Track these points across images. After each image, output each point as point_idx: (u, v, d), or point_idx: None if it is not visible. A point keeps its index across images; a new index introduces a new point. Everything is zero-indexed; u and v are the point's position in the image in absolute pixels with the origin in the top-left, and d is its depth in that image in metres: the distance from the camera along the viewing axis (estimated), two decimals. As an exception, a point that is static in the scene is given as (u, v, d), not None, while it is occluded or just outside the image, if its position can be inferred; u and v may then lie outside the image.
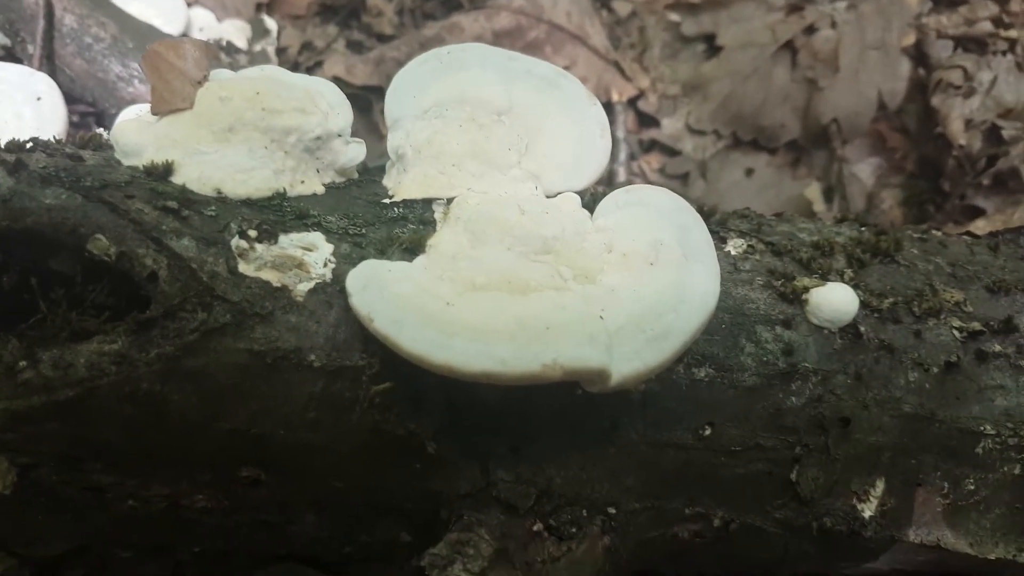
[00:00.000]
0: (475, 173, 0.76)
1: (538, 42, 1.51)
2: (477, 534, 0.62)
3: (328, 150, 0.74)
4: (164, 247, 0.61)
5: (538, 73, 0.83)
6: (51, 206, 0.61)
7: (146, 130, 0.69)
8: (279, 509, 0.71)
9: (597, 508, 0.70)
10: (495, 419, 0.68)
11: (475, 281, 0.65)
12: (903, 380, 0.77)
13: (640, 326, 0.63)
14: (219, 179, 0.66)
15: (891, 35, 1.57)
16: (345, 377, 0.64)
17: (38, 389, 0.60)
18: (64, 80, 1.24)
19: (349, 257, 0.68)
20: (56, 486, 0.66)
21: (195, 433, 0.63)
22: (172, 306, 0.60)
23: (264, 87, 0.69)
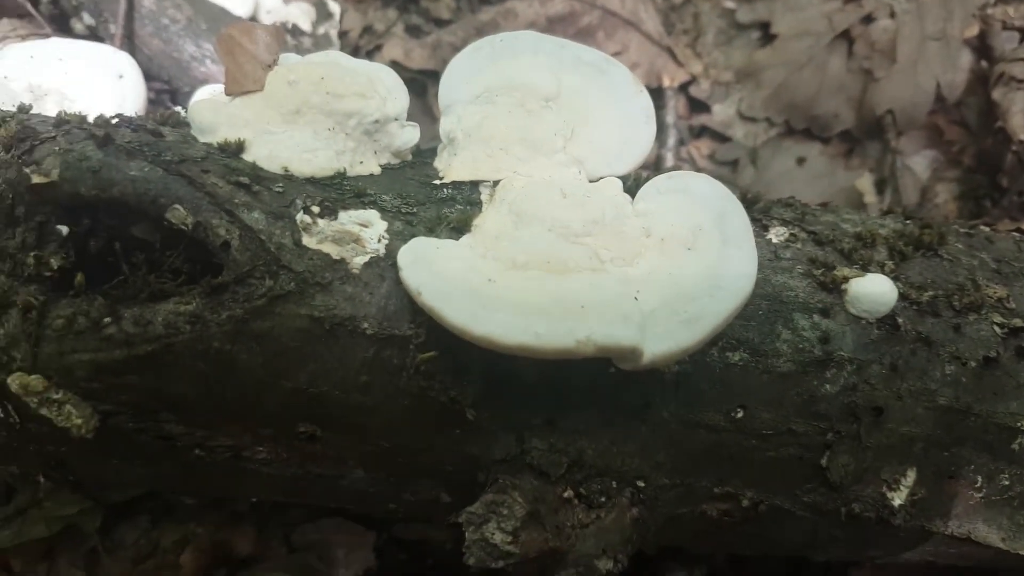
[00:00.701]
0: (521, 157, 0.80)
1: (591, 28, 1.53)
2: (511, 496, 0.67)
3: (385, 133, 0.78)
4: (236, 219, 0.66)
5: (587, 60, 0.86)
6: (135, 178, 0.67)
7: (220, 109, 0.74)
8: (332, 464, 0.76)
9: (626, 481, 0.73)
10: (531, 391, 0.72)
11: (516, 260, 0.69)
12: (939, 373, 0.78)
13: (674, 308, 0.66)
14: (286, 158, 0.71)
15: (953, 26, 1.53)
16: (394, 345, 0.69)
17: (120, 344, 0.66)
18: (142, 59, 1.32)
19: (401, 234, 0.72)
20: (132, 433, 0.72)
21: (259, 390, 0.69)
22: (242, 273, 0.65)
23: (328, 72, 0.74)
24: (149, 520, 1.00)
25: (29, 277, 0.68)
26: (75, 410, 0.69)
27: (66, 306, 0.67)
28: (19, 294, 0.67)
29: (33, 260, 0.68)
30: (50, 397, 0.68)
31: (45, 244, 0.70)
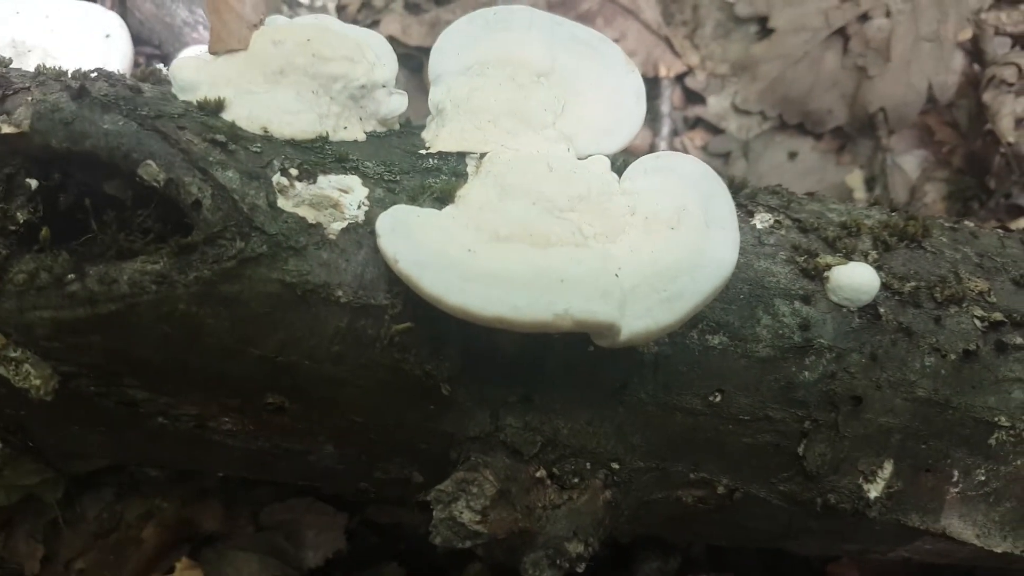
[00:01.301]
0: (510, 130, 0.78)
1: (590, 13, 1.52)
2: (482, 475, 0.65)
3: (372, 99, 0.76)
4: (210, 177, 0.64)
5: (581, 38, 0.84)
6: (108, 131, 0.65)
7: (202, 68, 0.72)
8: (300, 438, 0.75)
9: (601, 462, 0.72)
10: (508, 368, 0.70)
11: (499, 232, 0.67)
12: (919, 364, 0.77)
13: (654, 286, 0.65)
14: (267, 118, 0.70)
15: (947, 28, 1.53)
16: (369, 315, 0.67)
17: (83, 301, 0.64)
18: (133, 23, 1.29)
19: (382, 201, 0.70)
20: (94, 397, 0.70)
21: (226, 357, 0.67)
22: (213, 233, 0.63)
23: (315, 34, 0.72)
24: (113, 493, 0.98)
25: (-8, 231, 0.66)
26: (34, 370, 0.67)
27: (29, 261, 0.65)
28: (-19, 248, 0.65)
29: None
30: (7, 355, 0.66)
31: (12, 197, 0.68)
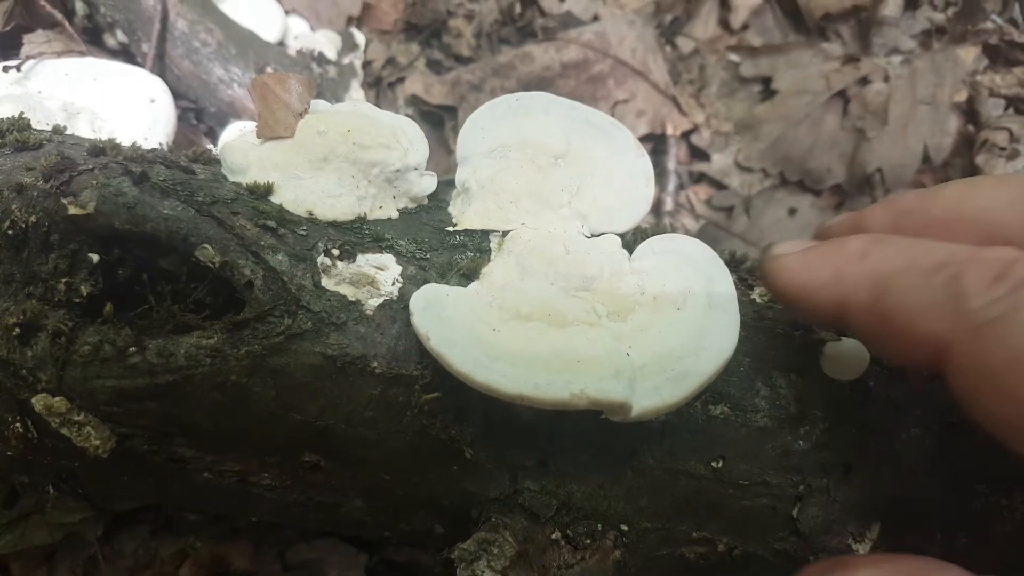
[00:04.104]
0: (530, 210, 0.85)
1: (602, 75, 1.59)
2: (502, 535, 0.71)
3: (404, 180, 0.83)
4: (261, 260, 0.71)
5: (594, 123, 0.91)
6: (168, 216, 0.72)
7: (251, 151, 0.79)
8: (332, 493, 0.81)
9: (611, 524, 0.78)
10: (526, 434, 0.76)
11: (520, 310, 0.74)
12: (905, 435, 0.83)
13: (662, 366, 0.71)
14: (311, 202, 0.76)
15: (943, 91, 1.60)
16: (401, 384, 0.73)
17: (143, 372, 0.70)
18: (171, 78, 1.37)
19: (414, 278, 0.77)
20: (145, 455, 0.76)
21: (270, 421, 0.73)
22: (263, 311, 0.70)
23: (355, 124, 0.79)
24: (149, 531, 1.04)
25: (59, 302, 0.73)
26: (94, 432, 0.73)
27: (94, 333, 0.71)
28: (49, 319, 0.72)
29: (64, 286, 0.73)
30: (71, 419, 0.72)
31: (76, 271, 0.74)
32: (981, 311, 0.56)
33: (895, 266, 0.63)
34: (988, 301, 0.56)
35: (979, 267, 0.58)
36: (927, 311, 0.59)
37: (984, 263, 0.58)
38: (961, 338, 0.57)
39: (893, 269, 0.63)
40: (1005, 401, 0.55)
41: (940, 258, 0.60)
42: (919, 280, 0.60)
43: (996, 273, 0.57)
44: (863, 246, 0.67)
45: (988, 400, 0.57)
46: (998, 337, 0.55)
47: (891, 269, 0.63)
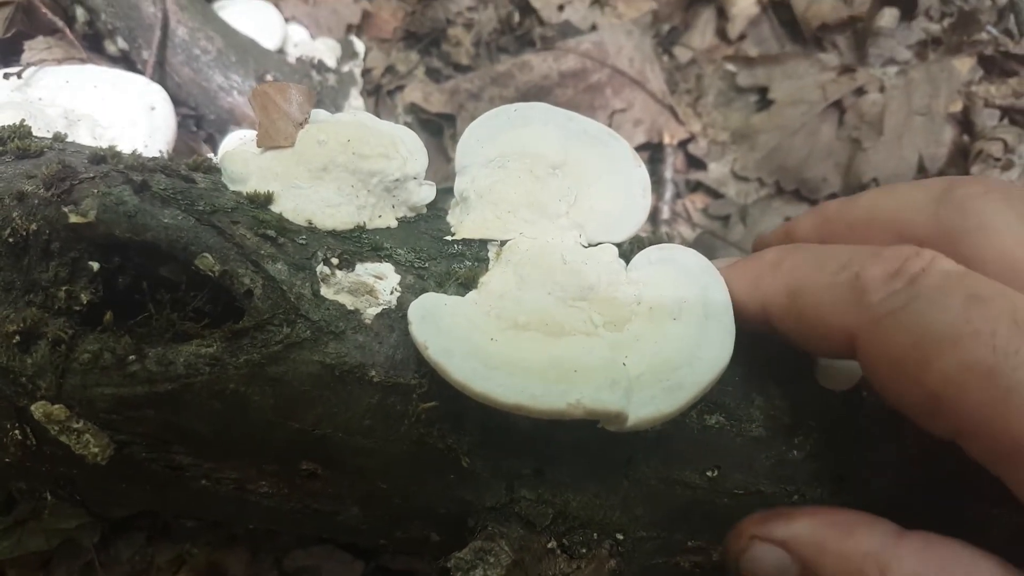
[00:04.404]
0: (528, 220, 0.85)
1: (600, 84, 1.60)
2: (498, 544, 0.72)
3: (404, 190, 0.84)
4: (261, 269, 0.71)
5: (592, 133, 0.92)
6: (168, 225, 0.72)
7: (251, 161, 0.80)
8: (330, 501, 0.81)
9: (607, 532, 0.78)
10: (523, 443, 0.77)
11: (517, 320, 0.74)
12: (898, 446, 0.84)
13: (658, 376, 0.71)
14: (311, 211, 0.77)
15: (938, 102, 1.61)
16: (398, 392, 0.74)
17: (142, 381, 0.71)
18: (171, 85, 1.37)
19: (412, 287, 0.77)
20: (144, 462, 0.77)
21: (268, 429, 0.74)
22: (262, 320, 0.70)
23: (355, 134, 0.80)
24: (145, 538, 1.04)
25: (59, 310, 0.73)
26: (93, 439, 0.73)
27: (93, 341, 0.72)
28: (49, 326, 0.72)
29: (64, 294, 0.73)
30: (71, 426, 0.72)
31: (77, 279, 0.75)
32: (881, 304, 0.61)
33: (805, 271, 0.69)
34: (887, 294, 0.61)
35: (878, 264, 0.63)
36: (834, 307, 0.65)
37: (883, 260, 0.63)
38: (865, 329, 0.63)
39: (803, 273, 0.69)
40: (909, 384, 0.60)
41: (844, 259, 0.66)
42: (826, 280, 0.66)
43: (894, 269, 0.62)
44: (778, 255, 0.74)
45: (894, 384, 0.62)
46: (897, 326, 0.60)
47: (802, 273, 0.69)
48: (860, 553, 0.68)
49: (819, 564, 0.70)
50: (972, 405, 0.56)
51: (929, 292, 0.59)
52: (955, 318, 0.57)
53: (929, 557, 0.66)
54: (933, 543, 0.68)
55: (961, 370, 0.56)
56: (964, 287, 0.59)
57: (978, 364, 0.55)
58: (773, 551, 0.73)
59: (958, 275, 0.60)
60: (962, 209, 0.68)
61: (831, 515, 0.73)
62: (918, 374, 0.59)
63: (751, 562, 0.75)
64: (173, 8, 1.41)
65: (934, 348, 0.57)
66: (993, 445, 0.58)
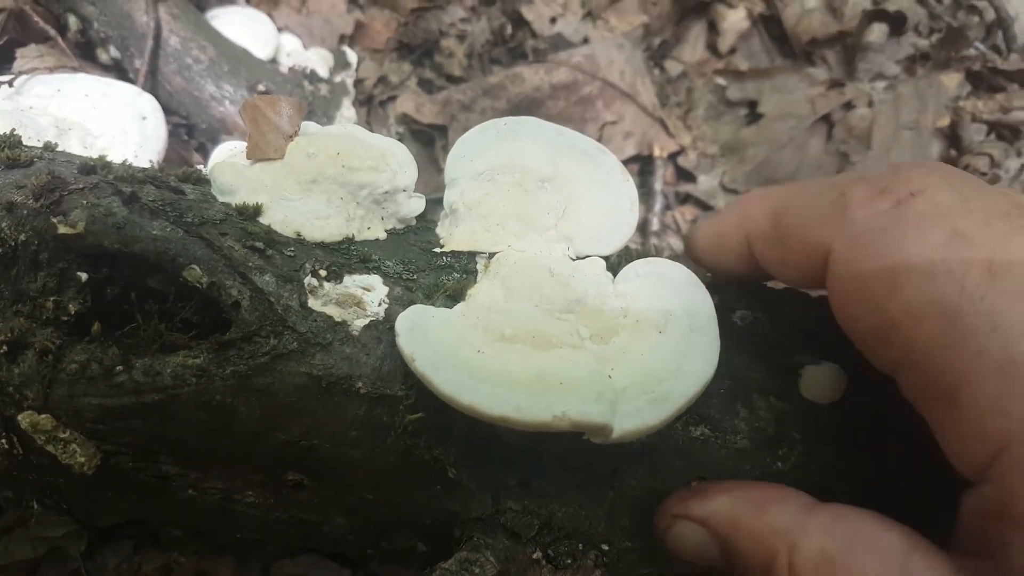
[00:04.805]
0: (516, 232, 0.86)
1: (591, 97, 1.61)
2: (484, 555, 0.72)
3: (393, 202, 0.84)
4: (248, 281, 0.72)
5: (581, 147, 0.93)
6: (157, 237, 0.73)
7: (240, 173, 0.80)
8: (316, 511, 0.81)
9: (592, 543, 0.79)
10: (509, 454, 0.77)
11: (504, 332, 0.75)
12: (882, 457, 0.84)
13: (643, 388, 0.72)
14: (300, 223, 0.77)
15: (926, 117, 1.63)
16: (385, 404, 0.74)
17: (129, 391, 0.71)
18: (163, 94, 1.38)
19: (400, 299, 0.78)
20: (130, 472, 0.77)
21: (254, 440, 0.74)
22: (250, 332, 0.71)
23: (344, 147, 0.80)
24: (132, 546, 1.04)
25: (47, 320, 0.73)
26: (79, 449, 0.73)
27: (81, 352, 0.72)
28: (37, 337, 0.72)
29: (52, 305, 0.73)
30: (57, 436, 0.72)
31: (65, 289, 0.75)
32: (863, 220, 0.61)
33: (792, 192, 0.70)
34: (871, 212, 0.60)
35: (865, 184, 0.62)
36: (816, 222, 0.65)
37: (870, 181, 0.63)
38: (842, 245, 0.62)
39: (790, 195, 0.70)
40: (870, 307, 0.60)
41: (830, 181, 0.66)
42: (811, 199, 0.66)
43: (880, 188, 0.61)
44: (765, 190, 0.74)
45: (856, 307, 0.62)
46: (874, 247, 0.59)
47: (788, 195, 0.70)
48: (771, 531, 0.68)
49: (735, 541, 0.70)
50: (926, 339, 0.56)
51: (915, 219, 0.58)
52: (933, 252, 0.56)
53: (837, 532, 0.66)
54: (842, 517, 0.68)
55: (925, 304, 0.56)
56: (950, 223, 0.57)
57: (943, 301, 0.55)
58: (694, 529, 0.73)
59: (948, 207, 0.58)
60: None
61: (746, 490, 0.73)
62: (883, 299, 0.58)
63: (675, 541, 0.75)
64: (166, 17, 1.41)
65: (904, 277, 0.57)
66: (933, 384, 0.58)
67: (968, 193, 0.63)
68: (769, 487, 0.73)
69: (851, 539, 0.65)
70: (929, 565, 0.61)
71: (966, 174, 0.66)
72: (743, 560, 0.69)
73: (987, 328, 0.53)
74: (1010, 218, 0.60)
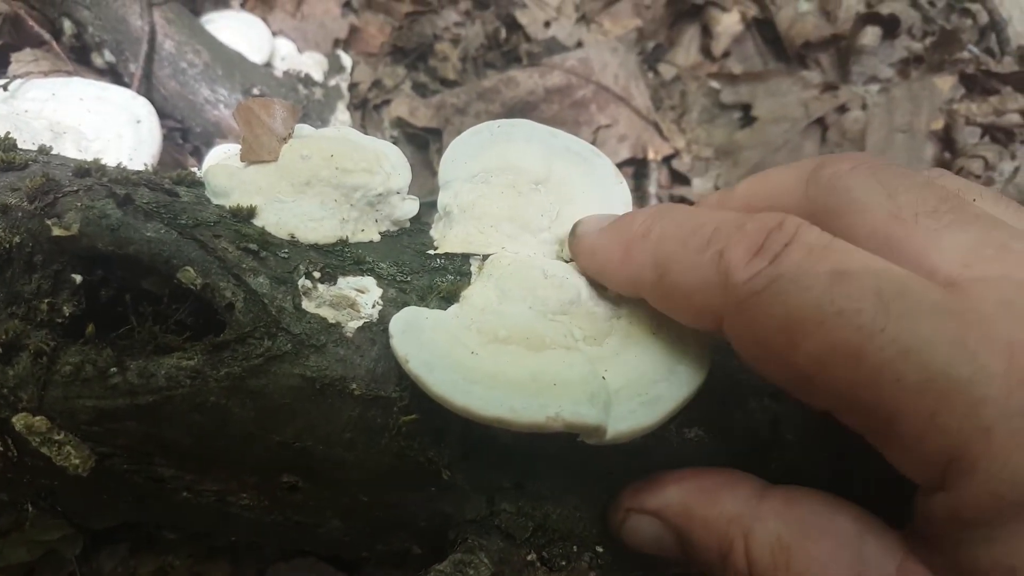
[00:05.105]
0: (510, 234, 0.86)
1: (585, 100, 1.62)
2: (478, 557, 0.72)
3: (387, 204, 0.85)
4: (242, 283, 0.72)
5: (575, 150, 0.93)
6: (151, 239, 0.73)
7: (234, 175, 0.81)
8: (311, 513, 0.81)
9: (586, 545, 0.79)
10: (503, 456, 0.77)
11: (498, 334, 0.75)
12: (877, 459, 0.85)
13: (636, 390, 0.72)
14: (293, 225, 0.78)
15: (920, 119, 1.64)
16: (379, 406, 0.74)
17: (124, 393, 0.71)
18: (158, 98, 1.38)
19: (394, 301, 0.78)
20: (125, 474, 0.77)
21: (248, 442, 0.74)
22: (244, 333, 0.71)
23: (338, 149, 0.81)
24: (128, 549, 1.04)
25: (42, 322, 0.73)
26: (74, 451, 0.73)
27: (75, 353, 0.72)
28: (31, 338, 0.72)
29: (47, 307, 0.73)
30: (52, 438, 0.72)
31: (59, 291, 0.75)
32: (744, 286, 0.59)
33: (672, 246, 0.67)
34: (750, 275, 0.59)
35: (742, 241, 0.61)
36: (700, 288, 0.64)
37: (746, 235, 0.61)
38: (731, 311, 0.61)
39: (670, 249, 0.67)
40: (776, 364, 0.60)
41: (709, 233, 0.64)
42: (691, 259, 0.64)
43: (756, 245, 0.60)
44: (647, 222, 0.71)
45: (763, 366, 0.62)
46: (761, 309, 0.58)
47: (669, 248, 0.67)
48: (725, 519, 0.68)
49: (689, 531, 0.70)
50: (842, 385, 0.55)
51: (792, 270, 0.57)
52: (819, 298, 0.55)
53: (790, 515, 0.66)
54: (794, 500, 0.68)
55: (828, 351, 0.55)
56: (828, 263, 0.56)
57: (845, 345, 0.54)
58: (648, 522, 0.73)
59: (822, 248, 0.57)
60: (831, 188, 0.66)
61: (697, 479, 0.73)
62: (786, 356, 0.58)
63: (630, 534, 0.74)
64: (160, 22, 1.41)
65: (799, 330, 0.56)
66: (865, 422, 0.58)
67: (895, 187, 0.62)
68: (720, 473, 0.72)
69: (804, 523, 0.65)
70: (882, 546, 0.62)
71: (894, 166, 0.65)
72: (699, 550, 0.69)
73: (897, 355, 0.52)
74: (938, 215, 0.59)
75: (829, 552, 0.62)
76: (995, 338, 0.52)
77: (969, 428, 0.51)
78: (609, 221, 0.77)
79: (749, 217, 0.63)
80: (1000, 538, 0.52)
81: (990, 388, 0.51)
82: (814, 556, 0.63)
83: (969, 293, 0.55)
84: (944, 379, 0.51)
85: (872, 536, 0.63)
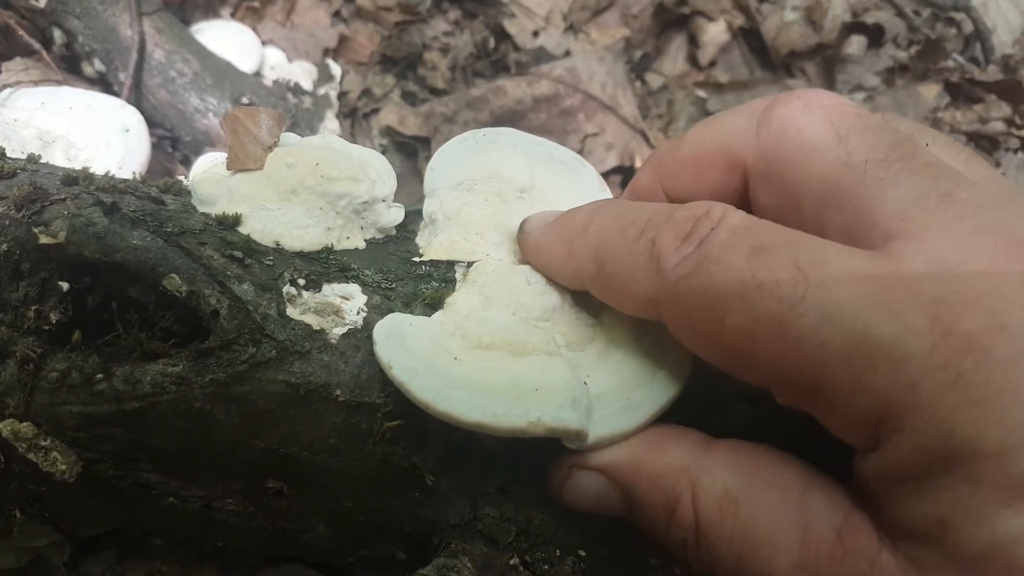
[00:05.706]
0: (495, 242, 0.87)
1: (572, 109, 1.63)
2: (461, 562, 0.73)
3: (372, 212, 0.86)
4: (227, 290, 0.73)
5: (559, 158, 0.95)
6: (137, 246, 0.74)
7: (220, 183, 0.81)
8: (296, 519, 0.82)
9: (569, 550, 0.79)
10: (487, 461, 0.78)
11: (482, 340, 0.76)
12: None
13: (617, 395, 0.73)
14: (279, 233, 0.78)
15: (904, 128, 1.66)
16: (363, 412, 0.75)
17: (109, 399, 0.72)
18: (148, 107, 1.39)
19: (379, 308, 0.79)
20: (112, 479, 0.77)
21: (233, 448, 0.74)
22: (228, 340, 0.71)
23: (324, 157, 0.81)
24: (116, 555, 1.04)
25: (28, 329, 0.74)
26: (61, 456, 0.74)
27: (62, 360, 0.73)
28: (18, 345, 0.73)
29: (34, 314, 0.74)
30: (38, 444, 0.73)
31: (46, 299, 0.76)
32: (674, 270, 0.62)
33: (608, 237, 0.69)
34: (678, 260, 0.61)
35: (671, 229, 0.63)
36: (636, 276, 0.66)
37: (675, 223, 0.63)
38: (663, 296, 0.63)
39: (607, 240, 0.69)
40: (707, 342, 0.62)
41: (643, 223, 0.66)
42: (626, 248, 0.66)
43: (685, 232, 0.62)
44: (586, 217, 0.73)
45: (697, 345, 0.64)
46: (689, 291, 0.61)
47: (606, 240, 0.69)
48: (672, 469, 0.68)
49: (635, 485, 0.70)
50: (770, 357, 0.57)
51: (716, 251, 0.59)
52: (740, 273, 0.57)
53: (737, 466, 0.67)
54: (741, 451, 0.69)
55: (752, 324, 0.56)
56: (749, 240, 0.57)
57: (767, 316, 0.55)
58: (593, 477, 0.73)
59: (744, 228, 0.59)
60: (782, 129, 0.66)
61: (644, 433, 0.73)
62: (714, 334, 0.60)
63: (572, 492, 0.74)
64: (150, 31, 1.42)
65: (724, 307, 0.58)
66: (795, 391, 0.60)
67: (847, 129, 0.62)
68: (666, 427, 0.73)
69: (751, 474, 0.66)
70: (829, 498, 0.63)
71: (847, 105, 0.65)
72: (645, 505, 0.70)
73: (819, 321, 0.53)
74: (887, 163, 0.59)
75: (776, 503, 0.63)
76: (919, 296, 0.52)
77: (895, 386, 0.52)
78: (555, 218, 0.79)
79: (680, 207, 0.65)
80: (929, 491, 0.53)
81: (913, 345, 0.51)
82: (761, 507, 0.63)
83: (898, 253, 0.55)
84: (867, 340, 0.52)
85: (818, 489, 0.64)
